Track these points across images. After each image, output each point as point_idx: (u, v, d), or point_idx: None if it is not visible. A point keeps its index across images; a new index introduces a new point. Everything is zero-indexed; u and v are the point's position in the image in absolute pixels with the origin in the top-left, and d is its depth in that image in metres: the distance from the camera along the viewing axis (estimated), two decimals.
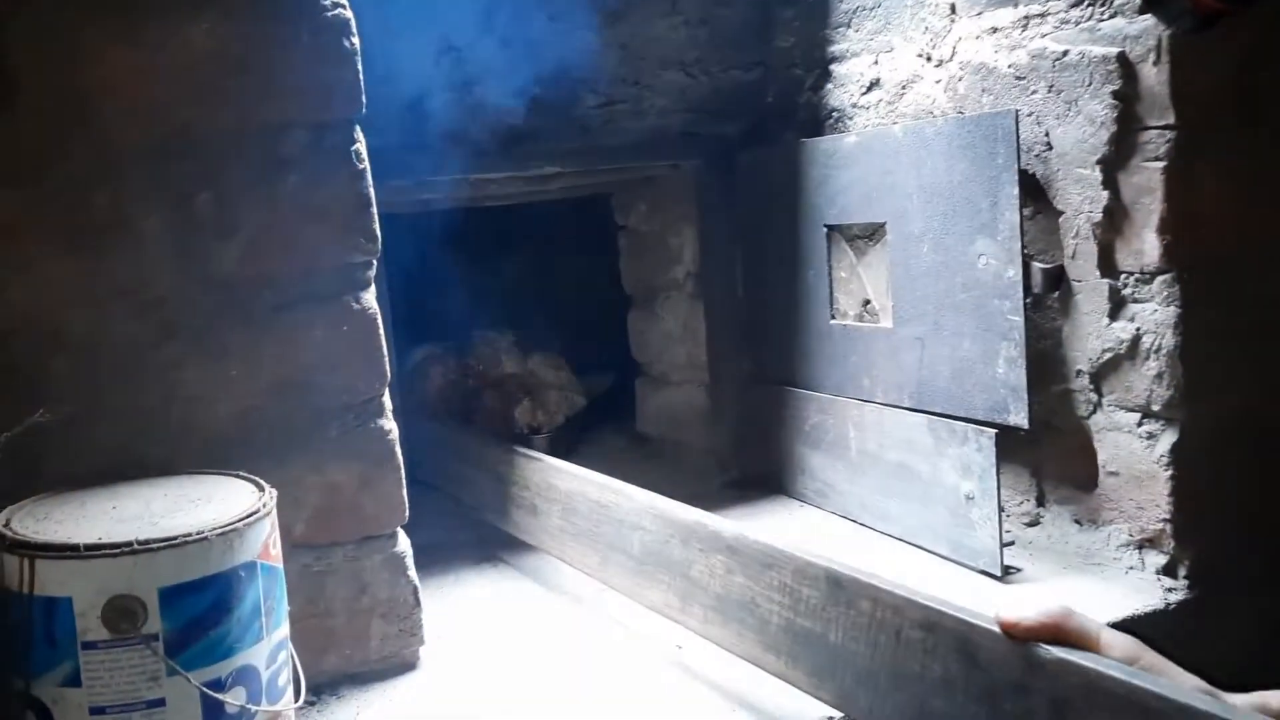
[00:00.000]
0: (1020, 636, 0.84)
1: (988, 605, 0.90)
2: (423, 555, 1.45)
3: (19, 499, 1.12)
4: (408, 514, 1.39)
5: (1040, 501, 1.65)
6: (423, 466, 2.03)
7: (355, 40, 1.27)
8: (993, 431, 1.51)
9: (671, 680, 1.33)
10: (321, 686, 1.35)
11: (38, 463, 1.18)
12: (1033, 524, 1.65)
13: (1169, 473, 1.45)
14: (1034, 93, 1.53)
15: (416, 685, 1.37)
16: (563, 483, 1.61)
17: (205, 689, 1.02)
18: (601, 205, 2.42)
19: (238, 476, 1.20)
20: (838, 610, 1.06)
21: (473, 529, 1.91)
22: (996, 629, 0.87)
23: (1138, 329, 1.46)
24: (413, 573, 1.40)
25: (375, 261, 1.33)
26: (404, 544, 1.40)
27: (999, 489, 1.51)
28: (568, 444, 2.34)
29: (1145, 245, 1.43)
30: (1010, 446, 1.59)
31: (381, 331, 1.34)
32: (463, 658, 1.44)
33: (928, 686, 0.95)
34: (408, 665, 1.41)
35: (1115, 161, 1.44)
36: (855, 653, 1.04)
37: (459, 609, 1.61)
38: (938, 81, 1.71)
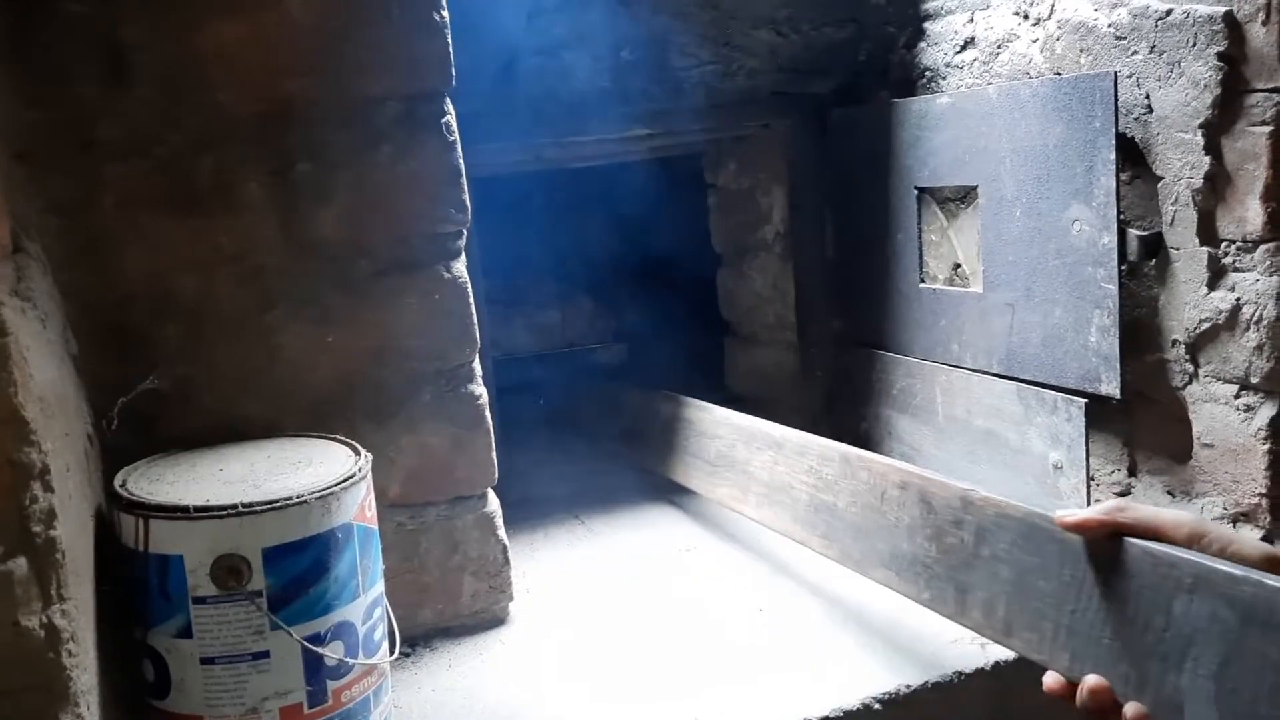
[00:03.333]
0: (1090, 531, 0.90)
1: None
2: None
3: (135, 459, 1.19)
4: (497, 476, 1.43)
5: (1132, 471, 1.62)
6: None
7: (445, 13, 1.30)
8: (1083, 401, 1.49)
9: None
10: (416, 639, 1.41)
11: (152, 424, 1.25)
12: (1123, 494, 1.63)
13: (1267, 446, 1.41)
14: (1134, 53, 1.49)
15: (506, 639, 1.42)
16: (664, 407, 1.95)
17: (306, 643, 1.08)
18: (680, 165, 2.42)
19: (335, 440, 1.25)
20: (846, 482, 1.32)
21: None
22: (947, 481, 1.13)
23: (1238, 299, 1.42)
24: (502, 532, 1.44)
25: (466, 231, 1.37)
26: (494, 504, 1.44)
27: (1088, 458, 1.50)
28: None
29: (1248, 213, 1.38)
30: (1101, 415, 1.57)
31: (472, 300, 1.37)
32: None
33: (898, 532, 1.20)
34: (498, 620, 1.46)
35: (1219, 126, 1.40)
36: (853, 514, 1.30)
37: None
38: (1034, 41, 1.66)
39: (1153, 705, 0.82)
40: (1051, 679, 0.90)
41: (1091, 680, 0.85)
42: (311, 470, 1.15)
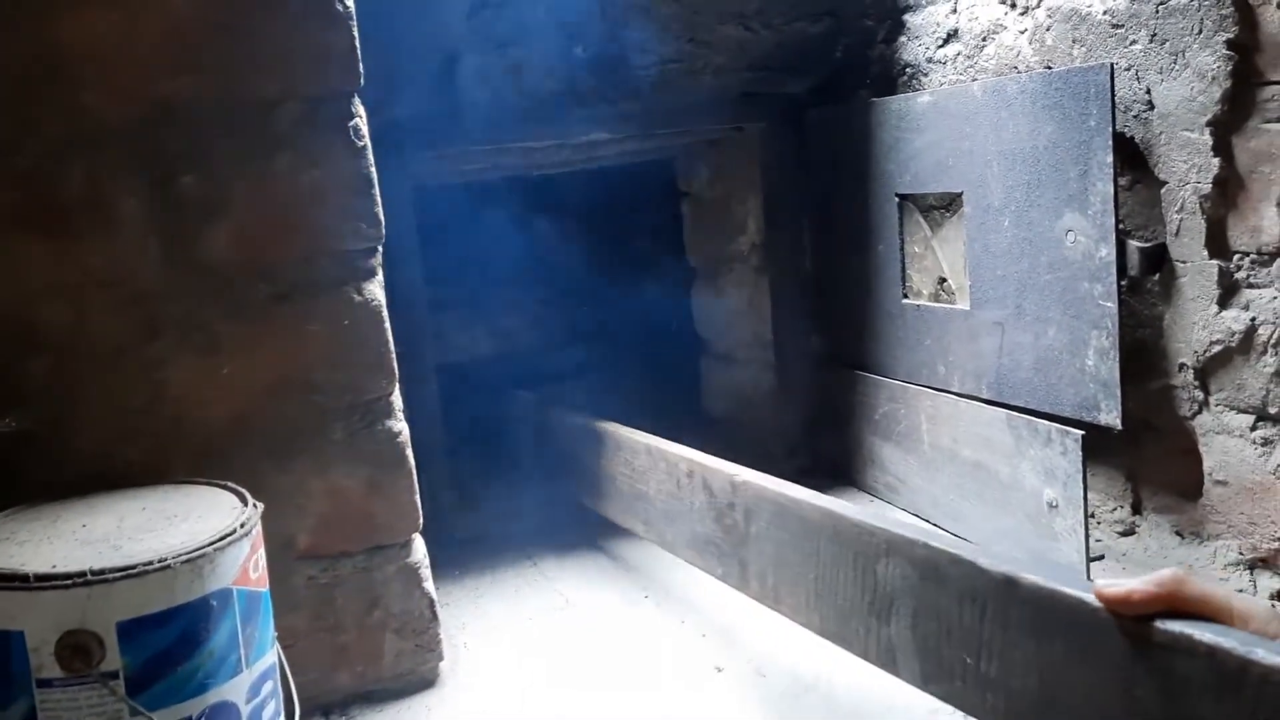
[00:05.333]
0: (1135, 612, 0.67)
1: None
2: None
3: (2, 509, 1.05)
4: (421, 521, 1.28)
5: (1136, 509, 1.47)
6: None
7: (349, 2, 1.15)
8: (1080, 432, 1.34)
9: None
10: (331, 707, 1.26)
11: (19, 472, 1.10)
12: (1127, 534, 1.47)
13: None
14: (1133, 43, 1.34)
15: (434, 705, 1.27)
16: (562, 417, 1.93)
17: None
18: (653, 172, 2.28)
19: (224, 487, 1.10)
20: (652, 473, 1.41)
21: None
22: (720, 466, 1.21)
23: (1252, 318, 1.26)
24: (429, 584, 1.29)
25: (379, 248, 1.22)
26: (418, 553, 1.29)
27: (1086, 497, 1.34)
28: None
29: (1264, 221, 1.24)
30: (1102, 447, 1.42)
31: (387, 325, 1.22)
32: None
33: (693, 515, 1.27)
34: (426, 682, 1.31)
35: (1229, 123, 1.26)
36: (661, 500, 1.38)
37: None
38: (1023, 31, 1.51)
39: (876, 656, 0.93)
40: None
41: None
42: (187, 526, 1.00)
